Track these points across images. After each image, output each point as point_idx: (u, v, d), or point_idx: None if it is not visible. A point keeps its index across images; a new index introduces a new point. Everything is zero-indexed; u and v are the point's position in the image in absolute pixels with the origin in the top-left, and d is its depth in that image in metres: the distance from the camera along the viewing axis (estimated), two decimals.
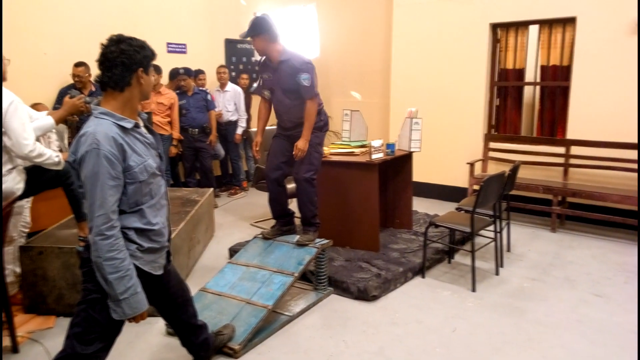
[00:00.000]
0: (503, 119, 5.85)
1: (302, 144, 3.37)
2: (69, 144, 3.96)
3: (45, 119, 3.06)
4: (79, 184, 3.09)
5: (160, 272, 2.09)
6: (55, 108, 4.38)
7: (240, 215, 5.57)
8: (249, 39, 3.38)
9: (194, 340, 2.51)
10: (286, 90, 3.41)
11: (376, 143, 3.97)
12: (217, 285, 3.27)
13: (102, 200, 1.81)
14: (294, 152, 3.41)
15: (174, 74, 5.78)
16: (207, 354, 2.62)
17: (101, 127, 1.84)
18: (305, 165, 3.47)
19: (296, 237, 3.55)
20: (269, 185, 3.63)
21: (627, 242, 4.58)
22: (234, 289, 3.20)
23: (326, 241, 3.49)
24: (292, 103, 3.43)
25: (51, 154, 2.95)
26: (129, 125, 1.92)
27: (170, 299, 2.28)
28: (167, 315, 2.40)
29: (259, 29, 3.30)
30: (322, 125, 3.57)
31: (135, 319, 1.96)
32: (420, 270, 3.83)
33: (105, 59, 1.88)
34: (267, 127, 3.75)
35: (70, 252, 3.11)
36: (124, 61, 1.87)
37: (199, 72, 5.95)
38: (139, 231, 1.97)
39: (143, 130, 2.03)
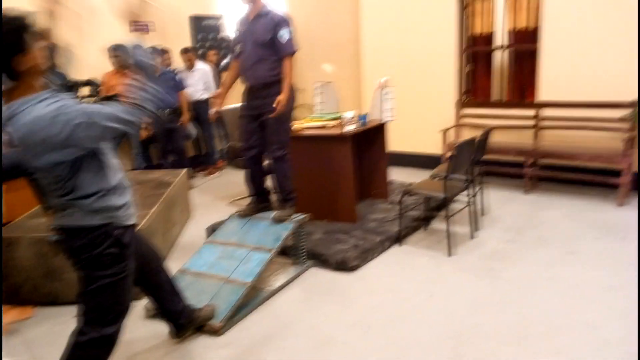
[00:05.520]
0: (474, 85, 5.88)
1: (282, 98, 3.32)
2: None
3: None
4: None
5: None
6: None
7: (217, 194, 5.53)
8: None
9: (172, 307, 2.53)
10: (258, 43, 3.34)
11: (348, 115, 3.96)
12: (196, 265, 3.26)
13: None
14: (274, 107, 3.31)
15: None
16: (187, 321, 2.62)
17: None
18: (274, 145, 3.45)
19: (273, 213, 3.55)
20: (246, 165, 3.60)
21: (598, 199, 4.70)
22: (213, 268, 3.19)
23: (303, 216, 3.50)
24: (260, 59, 3.36)
25: None
26: None
27: (144, 261, 2.31)
28: (144, 280, 2.38)
29: None
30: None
31: None
32: (398, 239, 3.88)
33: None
34: (232, 105, 3.69)
35: (43, 241, 3.05)
36: None
37: (164, 51, 5.80)
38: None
39: None
